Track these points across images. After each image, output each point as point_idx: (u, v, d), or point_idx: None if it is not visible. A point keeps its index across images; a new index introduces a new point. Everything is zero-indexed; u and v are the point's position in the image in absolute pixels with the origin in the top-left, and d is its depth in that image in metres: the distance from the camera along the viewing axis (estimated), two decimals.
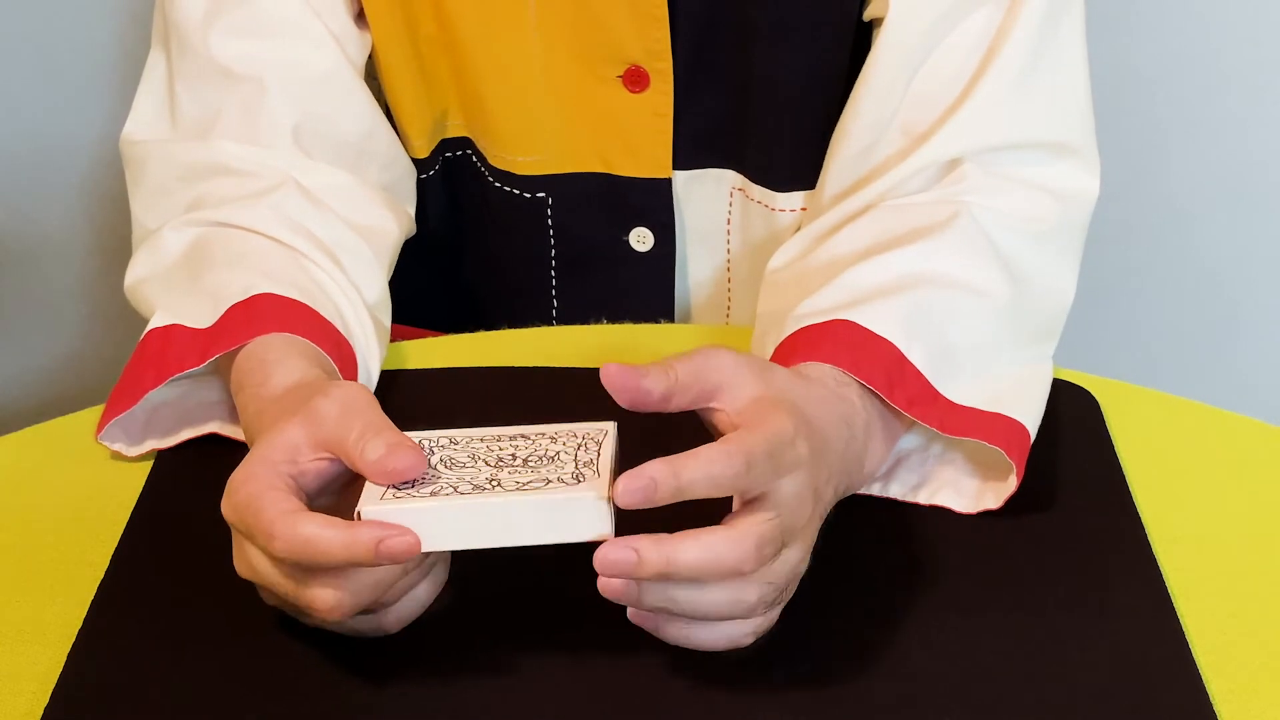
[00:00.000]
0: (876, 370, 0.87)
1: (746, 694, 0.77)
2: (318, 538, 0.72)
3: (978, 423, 0.89)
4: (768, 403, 0.77)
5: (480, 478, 0.76)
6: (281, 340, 0.89)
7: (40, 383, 1.81)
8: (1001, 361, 0.93)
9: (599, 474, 0.75)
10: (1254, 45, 1.62)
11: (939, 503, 0.90)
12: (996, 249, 0.95)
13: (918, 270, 0.92)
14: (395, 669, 0.79)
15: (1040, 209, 0.98)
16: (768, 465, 0.74)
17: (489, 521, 0.74)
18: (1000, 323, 0.94)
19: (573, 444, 0.78)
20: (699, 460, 0.72)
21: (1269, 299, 1.73)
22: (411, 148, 1.13)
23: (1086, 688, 0.78)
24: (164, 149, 1.02)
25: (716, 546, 0.72)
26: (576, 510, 0.74)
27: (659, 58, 1.07)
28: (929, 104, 0.99)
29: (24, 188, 1.72)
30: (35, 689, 0.79)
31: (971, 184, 0.97)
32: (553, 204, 1.13)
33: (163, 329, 0.93)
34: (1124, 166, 1.67)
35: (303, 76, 1.03)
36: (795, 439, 0.75)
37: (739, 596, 0.74)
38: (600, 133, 1.10)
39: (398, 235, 1.05)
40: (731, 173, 1.11)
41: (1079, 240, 1.01)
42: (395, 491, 0.75)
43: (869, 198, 0.99)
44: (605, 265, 1.15)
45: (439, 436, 0.80)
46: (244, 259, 0.94)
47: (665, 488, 0.71)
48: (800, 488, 0.76)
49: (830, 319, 0.89)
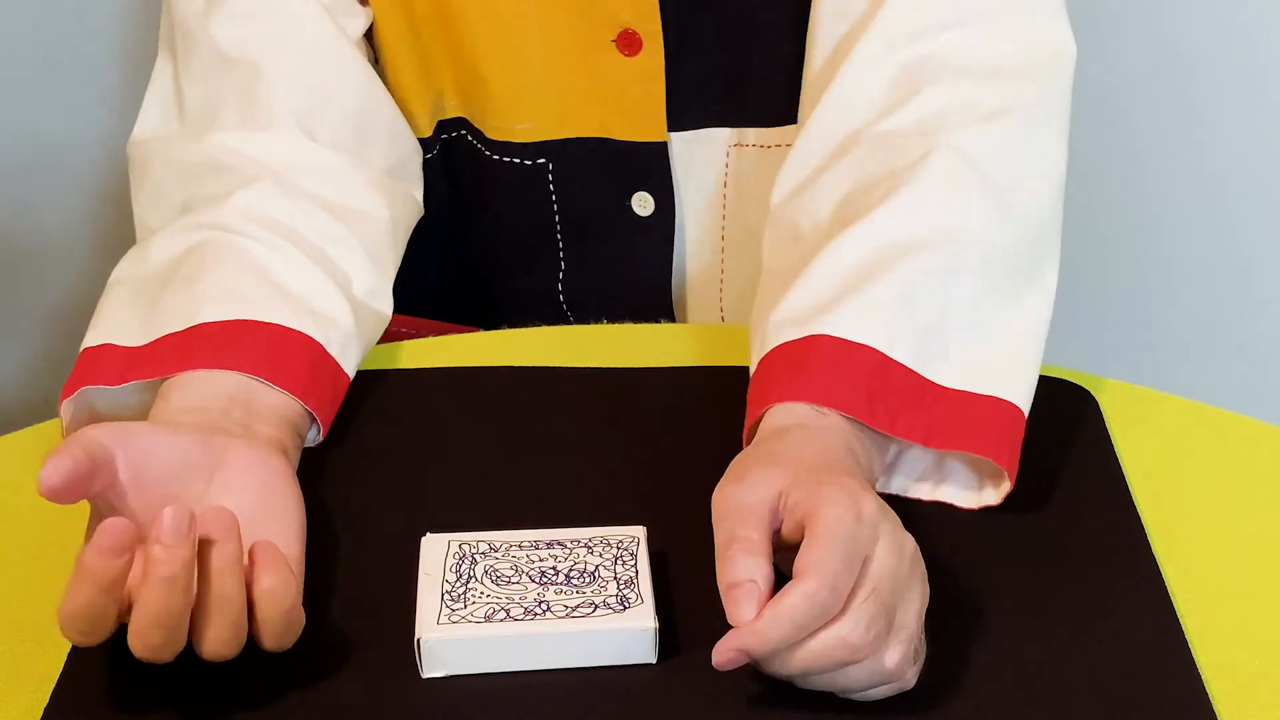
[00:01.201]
0: (857, 392, 0.86)
1: (746, 694, 0.77)
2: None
3: (967, 421, 0.88)
4: (805, 490, 0.77)
5: (529, 598, 0.79)
6: (183, 386, 0.88)
7: (40, 383, 1.81)
8: (994, 315, 0.92)
9: (641, 598, 0.79)
10: (1254, 45, 1.62)
11: (940, 498, 0.90)
12: (978, 171, 0.94)
13: (901, 235, 0.91)
14: (396, 669, 0.79)
15: (1010, 98, 0.96)
16: (851, 568, 0.74)
17: (543, 648, 0.78)
18: (988, 266, 0.92)
19: (609, 556, 0.82)
20: (781, 616, 0.73)
21: (1269, 299, 1.73)
22: (416, 128, 1.13)
23: (1086, 688, 0.78)
24: (164, 147, 1.03)
25: (827, 642, 0.73)
26: (626, 639, 0.78)
27: (649, 20, 1.08)
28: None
29: (25, 188, 1.72)
30: (35, 689, 0.79)
31: (940, 100, 0.96)
32: (554, 170, 1.14)
33: (94, 348, 0.93)
34: (1124, 166, 1.67)
35: (296, 54, 1.03)
36: (859, 513, 0.75)
37: (875, 668, 0.75)
38: (597, 98, 1.11)
39: (389, 219, 1.04)
40: (728, 130, 1.12)
41: (1063, 103, 0.99)
42: (450, 612, 0.78)
43: (847, 95, 0.98)
44: (609, 231, 1.16)
45: (477, 541, 0.83)
46: (202, 277, 0.93)
47: (757, 654, 0.73)
48: (887, 549, 0.75)
49: (806, 334, 0.88)
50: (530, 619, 0.78)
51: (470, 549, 0.83)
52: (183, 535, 0.72)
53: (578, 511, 0.88)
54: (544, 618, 0.78)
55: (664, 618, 0.79)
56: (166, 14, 1.07)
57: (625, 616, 0.78)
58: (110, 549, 0.72)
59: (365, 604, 0.83)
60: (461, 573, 0.81)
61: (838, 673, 0.75)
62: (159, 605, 0.73)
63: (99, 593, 0.73)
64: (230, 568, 0.74)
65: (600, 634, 0.78)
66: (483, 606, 0.79)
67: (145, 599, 0.73)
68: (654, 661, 0.79)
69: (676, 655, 0.79)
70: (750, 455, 0.81)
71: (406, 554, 0.84)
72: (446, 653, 0.78)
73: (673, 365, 1.02)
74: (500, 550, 0.83)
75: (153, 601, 0.73)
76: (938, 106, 0.96)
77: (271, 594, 0.76)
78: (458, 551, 0.82)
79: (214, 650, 0.75)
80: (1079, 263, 1.62)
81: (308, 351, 0.93)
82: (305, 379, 0.92)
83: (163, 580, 0.72)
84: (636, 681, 0.78)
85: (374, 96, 1.07)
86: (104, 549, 0.72)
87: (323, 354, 0.94)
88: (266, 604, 0.76)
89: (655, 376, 1.01)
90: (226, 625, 0.75)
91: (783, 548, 0.77)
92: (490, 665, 0.78)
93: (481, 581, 0.80)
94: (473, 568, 0.81)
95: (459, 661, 0.78)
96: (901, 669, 0.75)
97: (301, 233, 0.97)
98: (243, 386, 0.89)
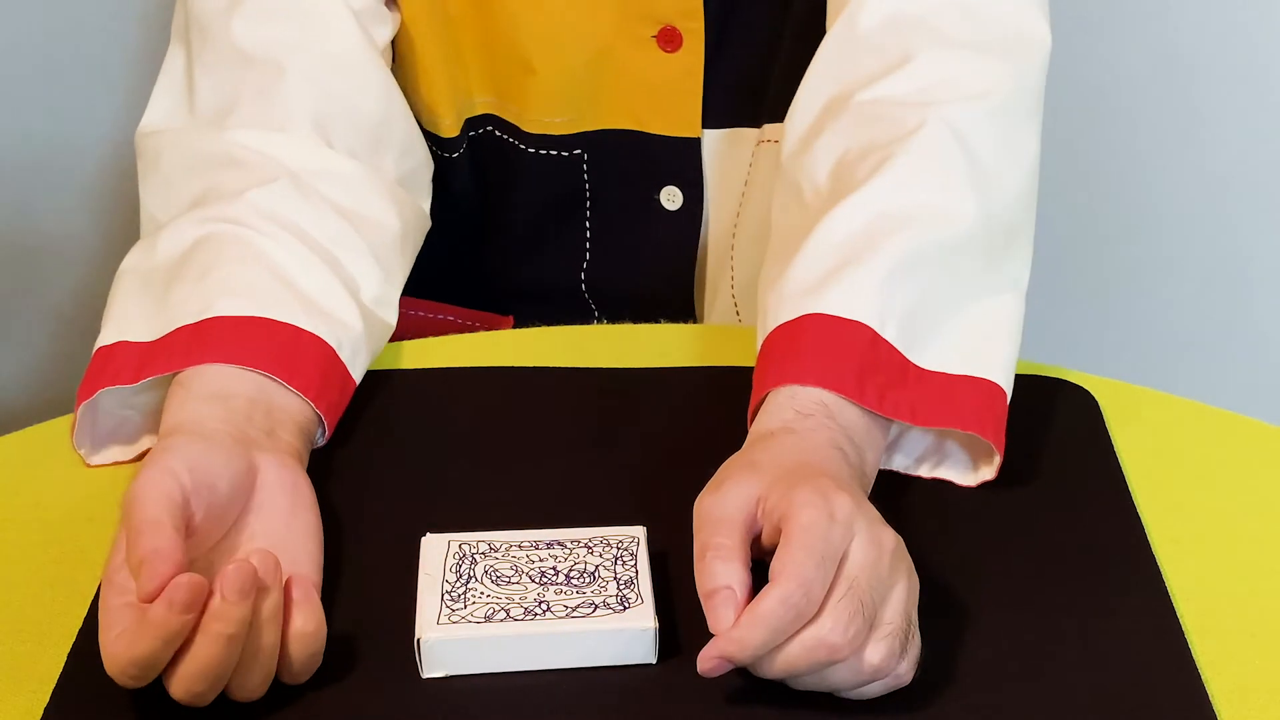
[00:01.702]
0: (847, 370, 0.86)
1: (746, 693, 0.77)
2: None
3: (949, 400, 0.89)
4: (779, 493, 0.77)
5: (529, 598, 0.79)
6: (203, 375, 0.88)
7: (40, 383, 1.81)
8: (971, 296, 0.92)
9: (641, 598, 0.79)
10: (1255, 44, 1.62)
11: (941, 475, 0.91)
12: (965, 149, 0.94)
13: (889, 208, 0.92)
14: (396, 669, 0.79)
15: (991, 79, 0.98)
16: (825, 569, 0.74)
17: (542, 648, 0.78)
18: (970, 247, 0.93)
19: (609, 556, 0.82)
20: (758, 621, 0.73)
21: (1269, 299, 1.73)
22: (441, 128, 1.14)
23: (1086, 688, 0.78)
24: (177, 138, 1.02)
25: (807, 643, 0.73)
26: (626, 639, 0.78)
27: (691, 17, 1.09)
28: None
29: (25, 188, 1.72)
30: (35, 689, 0.79)
31: (928, 71, 0.97)
32: (588, 161, 1.15)
33: (108, 346, 0.93)
34: (1124, 166, 1.67)
35: (321, 58, 1.03)
36: (832, 513, 0.75)
37: (858, 667, 0.75)
38: (634, 92, 1.12)
39: (399, 230, 1.04)
40: (757, 130, 1.13)
41: (1036, 94, 1.01)
42: (450, 612, 0.78)
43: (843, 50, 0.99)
44: (636, 222, 1.17)
45: (477, 541, 0.83)
46: (215, 270, 0.93)
47: (739, 660, 0.74)
48: (863, 546, 0.75)
49: (801, 314, 0.89)
50: (530, 619, 0.78)
51: (470, 549, 0.83)
52: (247, 593, 0.73)
53: (578, 511, 0.88)
54: (544, 618, 0.78)
55: (664, 618, 0.79)
56: (181, 5, 1.06)
57: (625, 617, 0.78)
58: (183, 605, 0.72)
59: (365, 604, 0.83)
60: (461, 573, 0.81)
61: (824, 673, 0.75)
62: (211, 659, 0.73)
63: (162, 646, 0.73)
64: (273, 617, 0.75)
65: (600, 634, 0.78)
66: (483, 606, 0.79)
67: (198, 652, 0.73)
68: (654, 661, 0.79)
69: (676, 655, 0.79)
70: (731, 463, 0.82)
71: (406, 554, 0.84)
72: (446, 653, 0.78)
73: (673, 366, 1.02)
74: (500, 550, 0.83)
75: (205, 655, 0.73)
76: (926, 77, 0.97)
77: (303, 637, 0.76)
78: (458, 551, 0.82)
79: (244, 695, 0.76)
80: (1079, 263, 1.62)
81: (319, 354, 0.93)
82: (318, 382, 0.92)
83: (220, 636, 0.73)
84: (636, 681, 0.78)
85: (392, 106, 1.07)
86: (177, 604, 0.72)
87: (334, 358, 0.94)
88: (298, 645, 0.76)
89: (655, 377, 1.01)
90: (260, 673, 0.76)
91: (765, 554, 0.77)
92: (490, 665, 0.78)
93: (481, 581, 0.80)
94: (473, 568, 0.81)
95: (459, 661, 0.78)
96: (887, 665, 0.75)
97: (313, 235, 0.97)
98: (261, 388, 0.89)
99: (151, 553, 0.73)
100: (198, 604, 0.72)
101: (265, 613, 0.75)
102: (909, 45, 0.98)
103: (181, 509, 0.77)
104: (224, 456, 0.81)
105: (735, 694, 0.77)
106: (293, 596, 0.76)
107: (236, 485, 0.82)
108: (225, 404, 0.86)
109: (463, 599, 0.79)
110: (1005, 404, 0.90)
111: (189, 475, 0.79)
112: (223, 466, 0.81)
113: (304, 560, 0.81)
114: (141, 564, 0.73)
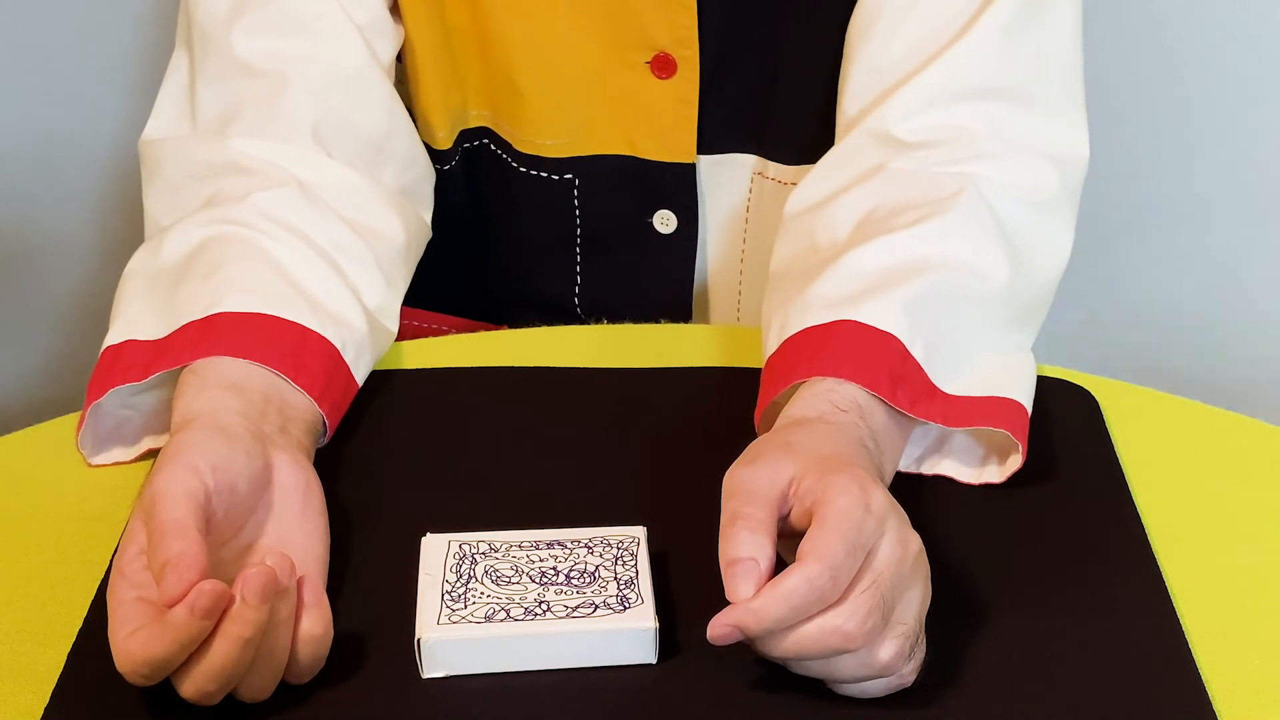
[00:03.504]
0: (880, 372, 0.87)
1: (746, 693, 0.77)
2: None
3: (979, 410, 0.90)
4: (815, 477, 0.77)
5: (529, 598, 0.79)
6: (216, 365, 0.88)
7: (40, 383, 1.81)
8: (992, 346, 0.94)
9: (641, 598, 0.79)
10: (1255, 44, 1.62)
11: (942, 472, 0.91)
12: (1000, 224, 0.96)
13: (923, 253, 0.93)
14: (396, 669, 0.79)
15: (1042, 177, 0.99)
16: (854, 557, 0.74)
17: (543, 648, 0.78)
18: (996, 305, 0.94)
19: (609, 556, 0.82)
20: (780, 598, 0.73)
21: (1269, 299, 1.73)
22: (435, 139, 1.14)
23: (1086, 688, 0.78)
24: (179, 146, 1.02)
25: (823, 628, 0.73)
26: (627, 639, 0.78)
27: (686, 45, 1.09)
28: (920, 44, 1.00)
29: (25, 188, 1.72)
30: (35, 689, 0.79)
31: (978, 148, 0.98)
32: (579, 185, 1.15)
33: (116, 345, 0.93)
34: (1125, 166, 1.67)
35: (325, 72, 1.03)
36: (868, 504, 0.75)
37: (867, 660, 0.75)
38: (627, 117, 1.12)
39: (404, 240, 1.04)
40: (753, 157, 1.13)
41: (1075, 202, 1.02)
42: (450, 612, 0.78)
43: (878, 129, 0.99)
44: (629, 246, 1.16)
45: (477, 541, 0.83)
46: (222, 268, 0.93)
47: (752, 633, 0.73)
48: (892, 543, 0.76)
49: (834, 319, 0.89)
50: (530, 619, 0.78)
51: (470, 549, 0.83)
52: (268, 597, 0.73)
53: (578, 512, 0.88)
54: (544, 618, 0.78)
55: (664, 618, 0.80)
56: (184, 11, 1.06)
57: (625, 617, 0.78)
58: (205, 611, 0.72)
59: (365, 604, 0.83)
60: (462, 573, 0.81)
61: (829, 660, 0.75)
62: (227, 660, 0.73)
63: (180, 649, 0.73)
64: (286, 620, 0.75)
65: (600, 634, 0.78)
66: (483, 606, 0.79)
67: (214, 653, 0.73)
68: (654, 661, 0.79)
69: (676, 655, 0.79)
70: (766, 441, 0.82)
71: (407, 554, 0.84)
72: (446, 653, 0.78)
73: (674, 366, 1.02)
74: (500, 550, 0.83)
75: (221, 656, 0.73)
76: (973, 160, 0.98)
77: (312, 639, 0.77)
78: (458, 551, 0.82)
79: (253, 696, 0.76)
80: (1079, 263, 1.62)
81: (324, 355, 0.93)
82: (323, 381, 0.92)
83: (238, 639, 0.73)
84: (636, 681, 0.78)
85: (395, 121, 1.06)
86: (199, 610, 0.71)
87: (338, 359, 0.94)
88: (306, 648, 0.76)
89: (656, 377, 1.01)
90: (270, 674, 0.76)
91: (788, 535, 0.78)
92: (490, 665, 0.78)
93: (482, 581, 0.80)
94: (473, 568, 0.81)
95: (459, 661, 0.78)
96: (895, 664, 0.75)
97: (317, 241, 0.97)
98: (272, 384, 0.89)
99: (177, 556, 0.73)
100: (219, 610, 0.72)
101: (280, 616, 0.75)
102: (954, 138, 0.99)
103: (204, 509, 0.77)
104: (245, 456, 0.81)
105: (735, 694, 0.77)
106: (303, 599, 0.76)
107: (255, 485, 0.82)
108: (242, 395, 0.86)
109: (463, 599, 0.79)
110: (1028, 420, 0.91)
111: (212, 475, 0.79)
112: (244, 466, 0.81)
113: (311, 561, 0.81)
114: (165, 567, 0.73)
